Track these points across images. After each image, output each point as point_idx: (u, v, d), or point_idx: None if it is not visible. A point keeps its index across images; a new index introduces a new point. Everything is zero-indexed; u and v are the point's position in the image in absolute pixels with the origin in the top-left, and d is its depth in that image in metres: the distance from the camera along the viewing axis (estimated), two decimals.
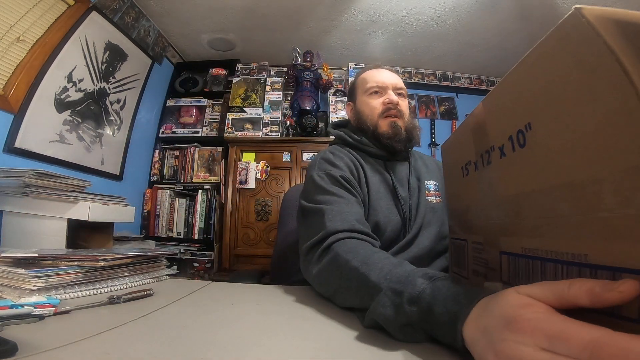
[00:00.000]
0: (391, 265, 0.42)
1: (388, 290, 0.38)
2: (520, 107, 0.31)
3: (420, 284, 0.35)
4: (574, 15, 0.24)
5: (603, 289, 0.20)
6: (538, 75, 0.29)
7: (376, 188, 0.72)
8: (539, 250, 0.29)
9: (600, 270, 0.23)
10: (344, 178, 0.68)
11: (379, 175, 0.75)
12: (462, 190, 0.46)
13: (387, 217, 0.69)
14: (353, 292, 0.45)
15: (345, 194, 0.66)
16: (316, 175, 0.70)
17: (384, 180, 0.75)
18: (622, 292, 0.20)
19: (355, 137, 0.81)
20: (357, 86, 0.87)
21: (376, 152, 0.79)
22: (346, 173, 0.70)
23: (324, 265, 0.52)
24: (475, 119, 0.40)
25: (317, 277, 0.53)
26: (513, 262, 0.33)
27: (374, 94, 0.82)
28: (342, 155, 0.76)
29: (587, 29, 0.23)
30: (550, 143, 0.27)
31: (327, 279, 0.51)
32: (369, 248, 0.52)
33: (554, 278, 0.27)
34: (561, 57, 0.26)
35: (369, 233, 0.58)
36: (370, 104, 0.81)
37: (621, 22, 0.23)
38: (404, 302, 0.35)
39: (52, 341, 0.33)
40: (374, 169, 0.76)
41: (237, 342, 0.36)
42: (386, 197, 0.72)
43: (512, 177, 0.33)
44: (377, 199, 0.70)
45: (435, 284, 0.35)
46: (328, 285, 0.51)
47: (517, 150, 0.31)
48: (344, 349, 0.35)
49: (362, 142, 0.80)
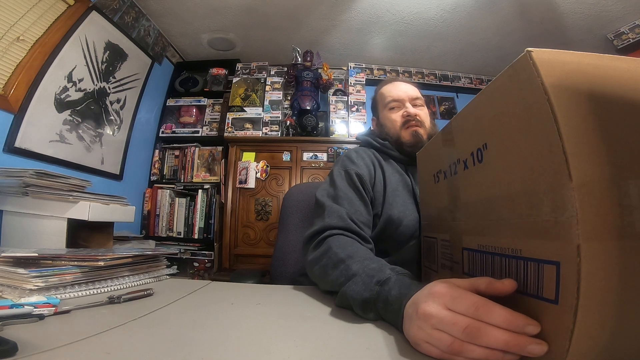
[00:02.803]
0: (370, 261, 0.51)
1: (363, 274, 0.47)
2: (479, 129, 0.37)
3: (388, 273, 0.45)
4: (524, 56, 0.29)
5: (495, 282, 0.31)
6: (494, 104, 0.35)
7: (394, 186, 0.77)
8: (489, 246, 0.36)
9: (531, 262, 0.29)
10: (358, 175, 0.75)
11: (399, 176, 0.81)
12: (434, 195, 0.54)
13: (402, 212, 0.74)
14: (336, 277, 0.52)
15: (352, 194, 0.72)
16: (336, 170, 0.79)
17: (404, 181, 0.80)
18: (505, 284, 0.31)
19: (379, 140, 0.88)
20: (377, 102, 0.94)
21: (398, 156, 0.85)
22: (362, 170, 0.77)
23: (317, 253, 0.61)
24: (447, 134, 0.47)
25: (311, 262, 0.62)
26: (472, 257, 0.40)
27: (393, 108, 0.88)
28: (364, 155, 0.83)
29: (531, 69, 0.28)
30: (498, 161, 0.34)
31: (318, 265, 0.60)
32: (356, 245, 0.60)
33: (499, 269, 0.34)
34: (510, 92, 0.31)
35: (359, 233, 0.66)
36: (391, 118, 0.88)
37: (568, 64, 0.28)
38: (372, 282, 0.44)
39: (52, 341, 0.33)
40: (395, 170, 0.82)
41: (237, 342, 0.36)
42: (404, 195, 0.77)
43: (472, 186, 0.40)
44: (394, 195, 0.75)
45: (399, 276, 0.44)
46: (318, 270, 0.59)
47: (476, 164, 0.38)
48: (344, 349, 0.35)
49: (385, 146, 0.86)
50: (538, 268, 0.28)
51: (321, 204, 0.71)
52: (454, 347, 0.29)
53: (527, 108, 0.29)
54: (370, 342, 0.36)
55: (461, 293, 0.32)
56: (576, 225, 0.24)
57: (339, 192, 0.72)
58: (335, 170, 0.79)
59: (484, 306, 0.29)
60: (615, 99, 0.27)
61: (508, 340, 0.27)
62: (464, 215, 0.42)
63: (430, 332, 0.31)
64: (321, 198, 0.72)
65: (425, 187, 0.59)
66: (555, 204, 0.26)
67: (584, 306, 0.24)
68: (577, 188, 0.24)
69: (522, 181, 0.30)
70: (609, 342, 0.25)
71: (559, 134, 0.25)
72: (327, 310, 0.49)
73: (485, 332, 0.28)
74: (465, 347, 0.29)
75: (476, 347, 0.28)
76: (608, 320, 0.25)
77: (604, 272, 0.24)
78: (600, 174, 0.25)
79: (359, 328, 0.41)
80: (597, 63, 0.29)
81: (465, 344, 0.29)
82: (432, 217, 0.56)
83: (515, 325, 0.28)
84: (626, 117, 0.26)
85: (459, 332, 0.29)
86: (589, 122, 0.26)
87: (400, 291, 0.40)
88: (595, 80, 0.27)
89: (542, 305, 0.28)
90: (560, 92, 0.26)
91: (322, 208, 0.69)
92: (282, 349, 0.34)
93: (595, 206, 0.24)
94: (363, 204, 0.72)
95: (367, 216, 0.72)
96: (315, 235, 0.65)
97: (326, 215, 0.66)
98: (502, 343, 0.27)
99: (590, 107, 0.26)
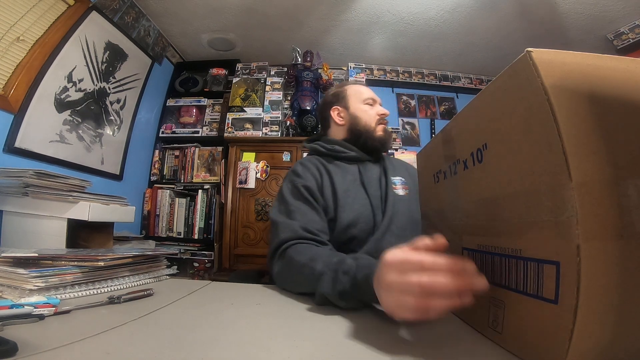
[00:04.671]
0: (330, 257, 0.56)
1: (328, 271, 0.52)
2: (480, 129, 0.37)
3: (349, 263, 0.50)
4: (524, 56, 0.29)
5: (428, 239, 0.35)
6: (494, 105, 0.35)
7: (344, 186, 0.82)
8: (489, 246, 0.36)
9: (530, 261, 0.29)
10: (305, 187, 0.79)
11: (348, 175, 0.85)
12: (434, 195, 0.54)
13: (357, 211, 0.79)
14: (305, 281, 0.56)
15: (303, 206, 0.77)
16: (284, 186, 0.83)
17: (353, 179, 0.85)
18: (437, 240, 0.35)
19: (327, 146, 0.93)
20: (349, 95, 0.99)
21: (350, 156, 0.90)
22: (308, 182, 0.81)
23: (281, 265, 0.66)
24: (447, 134, 0.47)
25: (278, 275, 0.67)
26: (472, 256, 0.40)
27: (370, 105, 0.97)
28: (309, 165, 0.87)
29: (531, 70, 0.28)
30: (497, 161, 0.34)
31: (285, 275, 0.64)
32: (313, 249, 0.65)
33: (499, 269, 0.34)
34: (510, 92, 0.31)
35: (315, 238, 0.70)
36: (369, 112, 0.95)
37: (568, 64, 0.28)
38: (338, 276, 0.49)
39: (52, 341, 0.33)
40: (343, 170, 0.87)
41: (237, 342, 0.36)
42: (355, 193, 0.82)
43: (472, 186, 0.40)
44: (346, 197, 0.80)
45: (359, 261, 0.49)
46: (286, 280, 0.64)
47: (476, 164, 0.38)
48: (344, 349, 0.35)
49: (333, 150, 0.92)
50: (538, 268, 0.28)
51: (275, 222, 0.75)
52: (420, 305, 0.33)
53: (527, 108, 0.29)
54: (370, 341, 0.36)
55: (407, 256, 0.35)
56: (576, 225, 0.24)
57: (290, 207, 0.76)
58: (284, 187, 0.83)
59: (428, 262, 0.33)
60: (615, 99, 0.27)
61: (458, 284, 0.31)
62: (464, 215, 0.42)
63: (397, 298, 0.35)
64: (274, 217, 0.76)
65: (425, 187, 0.59)
66: (555, 204, 0.26)
67: (583, 306, 0.24)
68: (576, 188, 0.24)
69: (522, 181, 0.30)
70: (609, 342, 0.25)
71: (559, 134, 0.25)
72: (327, 310, 0.49)
73: (438, 284, 0.32)
74: (429, 302, 0.32)
75: (437, 299, 0.32)
76: (608, 320, 0.25)
77: (604, 272, 0.24)
78: (599, 174, 0.25)
79: (359, 328, 0.41)
80: (597, 63, 0.29)
81: (428, 300, 0.32)
82: (432, 217, 0.56)
83: (457, 268, 0.32)
84: (626, 117, 0.26)
85: (418, 291, 0.32)
86: (589, 122, 0.26)
87: (364, 272, 0.45)
88: (595, 80, 0.27)
89: (542, 305, 0.28)
90: (560, 92, 0.26)
91: (276, 226, 0.73)
92: (282, 349, 0.34)
93: (595, 206, 0.24)
94: (315, 212, 0.76)
95: (321, 223, 0.76)
96: (275, 252, 0.69)
97: (280, 232, 0.70)
98: (454, 288, 0.31)
99: (590, 107, 0.26)
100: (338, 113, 0.99)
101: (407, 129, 2.46)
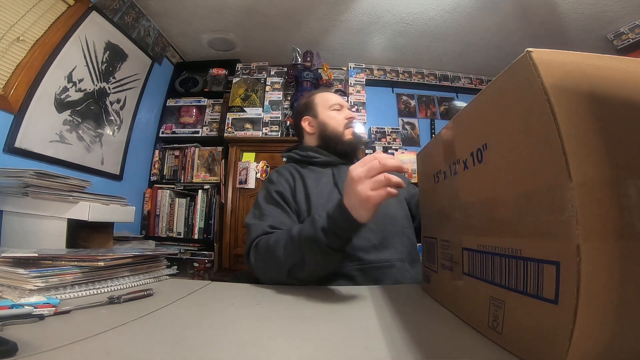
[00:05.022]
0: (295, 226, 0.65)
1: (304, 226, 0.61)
2: (480, 129, 0.38)
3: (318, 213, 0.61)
4: (524, 56, 0.29)
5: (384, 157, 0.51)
6: (493, 105, 0.35)
7: (318, 191, 0.85)
8: (489, 246, 0.36)
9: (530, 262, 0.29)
10: (277, 192, 0.84)
11: (324, 178, 0.89)
12: (434, 195, 0.55)
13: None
14: (285, 249, 0.63)
15: (274, 209, 0.82)
16: (259, 194, 0.89)
17: (328, 182, 0.88)
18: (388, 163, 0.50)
19: (301, 153, 0.98)
20: (316, 103, 1.03)
21: (322, 160, 0.94)
22: (281, 187, 0.86)
23: (256, 257, 0.71)
24: (447, 134, 0.47)
25: (256, 266, 0.71)
26: (471, 257, 0.40)
27: (336, 110, 1.00)
28: (283, 172, 0.92)
29: (531, 70, 0.28)
30: (497, 161, 0.34)
31: (263, 263, 0.69)
32: (276, 233, 0.71)
33: (499, 269, 0.34)
34: (510, 92, 0.32)
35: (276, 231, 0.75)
36: (337, 118, 0.99)
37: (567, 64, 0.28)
38: (315, 217, 0.60)
39: (52, 341, 0.33)
40: (317, 173, 0.91)
41: (237, 342, 0.36)
42: (329, 195, 0.85)
43: (472, 186, 0.40)
44: (319, 198, 0.84)
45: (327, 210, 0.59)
46: (266, 262, 0.68)
47: (476, 164, 0.38)
48: (344, 349, 0.35)
49: (307, 156, 0.96)
50: (538, 268, 0.28)
51: (248, 225, 0.80)
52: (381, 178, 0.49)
53: (527, 108, 0.29)
54: (370, 342, 0.36)
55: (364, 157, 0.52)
56: (576, 225, 0.24)
57: (262, 211, 0.81)
58: (259, 193, 0.89)
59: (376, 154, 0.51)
60: (615, 99, 0.27)
61: (397, 165, 0.50)
62: (464, 215, 0.42)
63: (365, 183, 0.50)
64: (248, 221, 0.81)
65: (425, 187, 0.60)
66: (555, 204, 0.26)
67: (583, 306, 0.24)
68: (576, 188, 0.24)
69: (522, 181, 0.30)
70: (609, 342, 0.25)
71: (559, 134, 0.25)
72: (327, 310, 0.49)
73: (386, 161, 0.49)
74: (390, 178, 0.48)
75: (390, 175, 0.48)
76: (608, 320, 0.25)
77: (604, 272, 0.24)
78: (599, 173, 0.25)
79: (358, 328, 0.41)
80: (597, 63, 0.29)
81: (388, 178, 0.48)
82: (432, 217, 0.56)
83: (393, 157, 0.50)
84: (626, 117, 0.26)
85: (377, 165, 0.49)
86: (589, 122, 0.26)
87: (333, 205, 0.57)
88: (595, 80, 0.27)
89: (542, 305, 0.28)
90: (560, 92, 0.26)
91: (249, 228, 0.79)
92: (281, 349, 0.34)
93: (595, 206, 0.24)
94: (285, 214, 0.81)
95: (290, 224, 0.78)
96: (249, 250, 0.74)
97: (252, 232, 0.76)
98: (396, 165, 0.50)
99: (590, 107, 0.26)
100: (309, 122, 1.03)
101: (407, 129, 2.46)
